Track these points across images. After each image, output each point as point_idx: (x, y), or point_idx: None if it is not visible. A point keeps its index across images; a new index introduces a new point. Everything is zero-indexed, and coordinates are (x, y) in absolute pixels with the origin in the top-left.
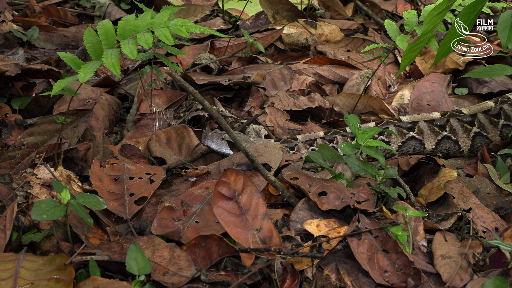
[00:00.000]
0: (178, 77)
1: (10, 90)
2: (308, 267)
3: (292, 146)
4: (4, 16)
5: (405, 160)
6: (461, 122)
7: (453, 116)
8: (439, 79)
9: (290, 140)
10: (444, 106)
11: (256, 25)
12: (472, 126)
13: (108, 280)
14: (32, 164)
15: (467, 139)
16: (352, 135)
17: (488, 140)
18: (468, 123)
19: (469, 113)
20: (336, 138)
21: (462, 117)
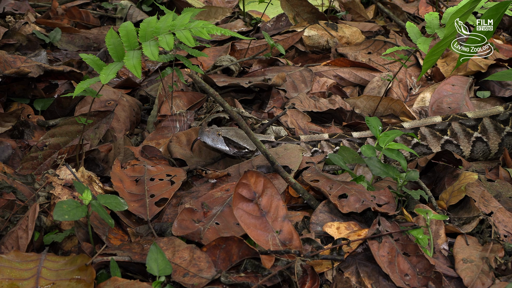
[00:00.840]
0: (199, 79)
1: (32, 91)
2: (328, 270)
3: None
4: (27, 18)
5: (423, 158)
6: (463, 126)
7: (456, 120)
8: (460, 82)
9: (292, 139)
10: (464, 108)
11: (277, 27)
12: (475, 130)
13: (128, 281)
14: (54, 165)
15: (468, 144)
16: (358, 141)
17: (487, 147)
18: (471, 127)
19: (473, 117)
20: (342, 142)
21: (465, 121)
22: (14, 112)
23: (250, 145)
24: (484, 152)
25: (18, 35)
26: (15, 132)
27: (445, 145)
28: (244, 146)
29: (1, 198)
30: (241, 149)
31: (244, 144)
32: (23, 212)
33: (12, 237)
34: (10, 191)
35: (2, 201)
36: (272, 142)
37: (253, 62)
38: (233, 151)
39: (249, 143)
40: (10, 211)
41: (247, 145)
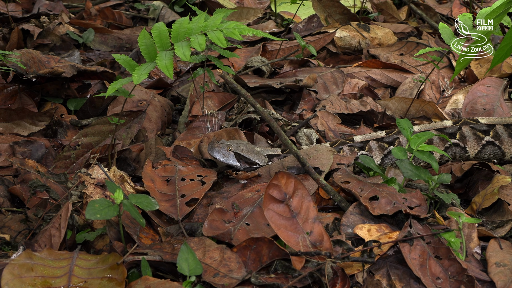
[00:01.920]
0: (231, 80)
1: (66, 91)
2: (359, 272)
3: None
4: (61, 18)
5: (458, 167)
6: (474, 130)
7: (467, 124)
8: (494, 83)
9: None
10: (499, 110)
11: (309, 28)
12: (486, 135)
13: (159, 280)
14: (87, 164)
15: (476, 146)
16: (359, 145)
17: (501, 151)
18: (482, 131)
19: (486, 123)
20: (342, 149)
21: (476, 126)
22: (48, 112)
23: (260, 160)
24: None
25: (52, 36)
26: (48, 132)
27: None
28: (256, 162)
29: (35, 196)
30: (252, 164)
31: (255, 160)
32: (56, 210)
33: (45, 235)
34: (43, 190)
35: (36, 199)
36: (279, 155)
37: (284, 63)
38: (244, 167)
39: (260, 158)
40: (43, 209)
41: (258, 160)
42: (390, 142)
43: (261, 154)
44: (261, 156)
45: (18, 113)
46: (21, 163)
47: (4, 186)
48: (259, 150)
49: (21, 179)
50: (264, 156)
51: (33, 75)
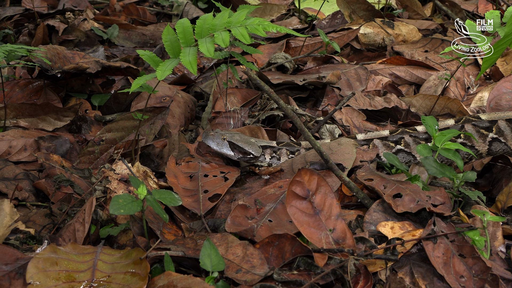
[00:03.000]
0: (254, 76)
1: (90, 86)
2: (382, 270)
3: (294, 150)
4: (86, 14)
5: (479, 162)
6: (476, 127)
7: (468, 122)
8: None
9: (293, 144)
10: None
11: (332, 25)
12: (489, 131)
13: (182, 276)
14: (110, 159)
15: (483, 143)
16: (360, 143)
17: (507, 147)
18: (484, 128)
19: (487, 119)
20: None
21: (479, 123)
22: (72, 107)
23: (255, 150)
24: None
25: (77, 31)
26: (73, 127)
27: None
28: (249, 152)
29: (59, 191)
30: (246, 154)
31: (249, 150)
32: (80, 205)
33: (69, 230)
34: (67, 185)
35: (60, 194)
36: (274, 147)
37: (307, 59)
38: (237, 156)
39: (254, 149)
40: (67, 204)
41: (252, 151)
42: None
43: (255, 145)
44: (255, 147)
45: (43, 108)
46: (46, 158)
47: (29, 181)
48: (253, 141)
49: (46, 174)
50: (258, 147)
51: (58, 70)
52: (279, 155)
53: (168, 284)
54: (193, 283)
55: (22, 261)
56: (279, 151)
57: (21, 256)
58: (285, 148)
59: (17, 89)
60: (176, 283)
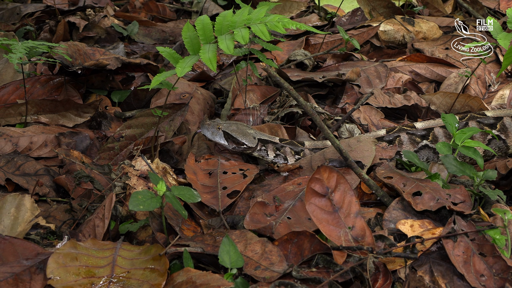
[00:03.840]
0: (274, 73)
1: (110, 83)
2: (401, 268)
3: (298, 150)
4: (106, 11)
5: (503, 164)
6: (480, 124)
7: (473, 119)
8: None
9: (296, 143)
10: None
11: (352, 22)
12: (493, 128)
13: (201, 272)
14: (130, 155)
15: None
16: None
17: (505, 145)
18: (488, 125)
19: (492, 116)
20: None
21: (483, 120)
22: (93, 104)
23: (249, 141)
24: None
25: (98, 28)
26: (93, 123)
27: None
28: (243, 142)
29: (79, 187)
30: (240, 144)
31: (243, 140)
32: (100, 201)
33: (89, 226)
34: (88, 181)
35: (80, 190)
36: (277, 144)
37: (327, 56)
38: (231, 146)
39: (248, 139)
40: (87, 200)
41: (246, 141)
42: (390, 140)
43: (250, 136)
44: (250, 138)
45: (64, 105)
46: (66, 154)
47: (49, 177)
48: (251, 132)
49: (66, 170)
50: (253, 138)
51: (79, 67)
52: (283, 154)
53: (187, 280)
54: (212, 279)
55: (43, 256)
56: (283, 149)
57: (41, 251)
58: (289, 146)
59: (38, 85)
60: (195, 280)
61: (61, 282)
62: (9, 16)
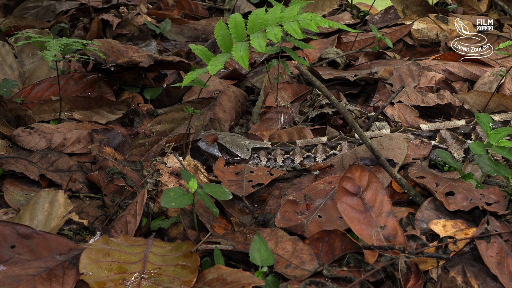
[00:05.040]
0: (306, 71)
1: (143, 80)
2: (433, 268)
3: (288, 150)
4: (139, 9)
5: None
6: None
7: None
8: None
9: (287, 144)
10: None
11: (385, 20)
12: None
13: (231, 270)
14: (161, 152)
15: None
16: (359, 141)
17: None
18: None
19: (500, 120)
20: (340, 144)
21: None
22: (125, 101)
23: (242, 153)
24: None
25: (131, 26)
26: (125, 120)
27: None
28: (236, 154)
29: (112, 183)
30: (234, 156)
31: (237, 152)
32: (132, 197)
33: (121, 222)
34: (120, 177)
35: (113, 186)
36: (268, 148)
37: (359, 55)
38: (225, 158)
39: (242, 151)
40: (119, 196)
41: (240, 153)
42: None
43: (244, 148)
44: (244, 149)
45: (97, 102)
46: (99, 151)
47: (82, 173)
48: (245, 143)
49: (98, 166)
50: (247, 150)
51: (112, 64)
52: (274, 156)
53: (217, 278)
54: (243, 277)
55: (76, 252)
56: (274, 152)
57: (74, 247)
58: (280, 148)
59: (72, 82)
60: (226, 277)
61: (94, 277)
62: (44, 14)
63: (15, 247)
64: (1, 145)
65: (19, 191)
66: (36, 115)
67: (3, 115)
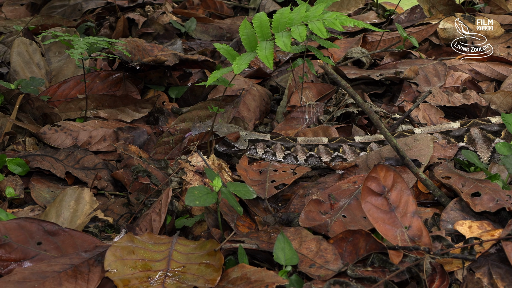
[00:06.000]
0: (331, 71)
1: (168, 79)
2: (459, 269)
3: (289, 146)
4: (165, 8)
5: None
6: (483, 131)
7: (476, 125)
8: None
9: (288, 140)
10: None
11: (411, 19)
12: (497, 136)
13: (255, 269)
14: (185, 150)
15: (487, 149)
16: (360, 145)
17: None
18: (492, 132)
19: (497, 123)
20: (342, 147)
21: (487, 126)
22: (150, 99)
23: (239, 144)
24: None
25: (156, 24)
26: (150, 118)
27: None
28: (233, 145)
29: (137, 181)
30: (231, 147)
31: (234, 143)
32: (157, 196)
33: (146, 220)
34: (145, 175)
35: (138, 184)
36: (268, 141)
37: (384, 54)
38: (222, 148)
39: (239, 142)
40: (144, 194)
41: (237, 144)
42: None
43: (241, 138)
44: (241, 140)
45: (123, 100)
46: (125, 149)
47: (107, 170)
48: (242, 134)
49: (124, 164)
50: (244, 140)
51: (137, 63)
52: (273, 150)
53: (241, 276)
54: (267, 276)
55: (101, 249)
56: (273, 145)
57: (99, 244)
58: (280, 143)
59: (98, 80)
60: (250, 276)
61: (118, 274)
62: (71, 13)
63: (42, 244)
64: (28, 143)
65: (45, 188)
66: (63, 113)
67: (30, 113)
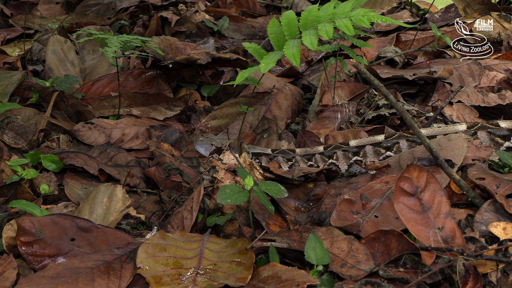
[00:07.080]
0: (364, 70)
1: (200, 77)
2: (492, 271)
3: (290, 157)
4: (197, 6)
5: None
6: (491, 135)
7: (483, 129)
8: None
9: (288, 151)
10: None
11: (445, 19)
12: (506, 140)
13: (286, 268)
14: (217, 148)
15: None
16: (354, 149)
17: None
18: (501, 137)
19: (507, 127)
20: (336, 153)
21: (495, 131)
22: (183, 97)
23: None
24: None
25: (189, 23)
26: (182, 117)
27: None
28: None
29: (169, 179)
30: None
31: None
32: (188, 193)
33: (177, 217)
34: (177, 173)
35: (170, 182)
36: (269, 154)
37: (418, 54)
38: None
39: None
40: (176, 192)
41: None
42: (388, 147)
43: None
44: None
45: (155, 98)
46: (157, 146)
47: (140, 168)
48: (244, 148)
49: (156, 162)
50: (247, 153)
51: (170, 61)
52: (278, 162)
53: (272, 275)
54: (298, 275)
55: (133, 246)
56: (275, 158)
57: (131, 241)
58: (281, 155)
59: (131, 78)
60: (281, 275)
61: (150, 271)
62: (105, 11)
63: (75, 240)
64: (62, 140)
65: (78, 185)
66: (96, 110)
67: (64, 110)
